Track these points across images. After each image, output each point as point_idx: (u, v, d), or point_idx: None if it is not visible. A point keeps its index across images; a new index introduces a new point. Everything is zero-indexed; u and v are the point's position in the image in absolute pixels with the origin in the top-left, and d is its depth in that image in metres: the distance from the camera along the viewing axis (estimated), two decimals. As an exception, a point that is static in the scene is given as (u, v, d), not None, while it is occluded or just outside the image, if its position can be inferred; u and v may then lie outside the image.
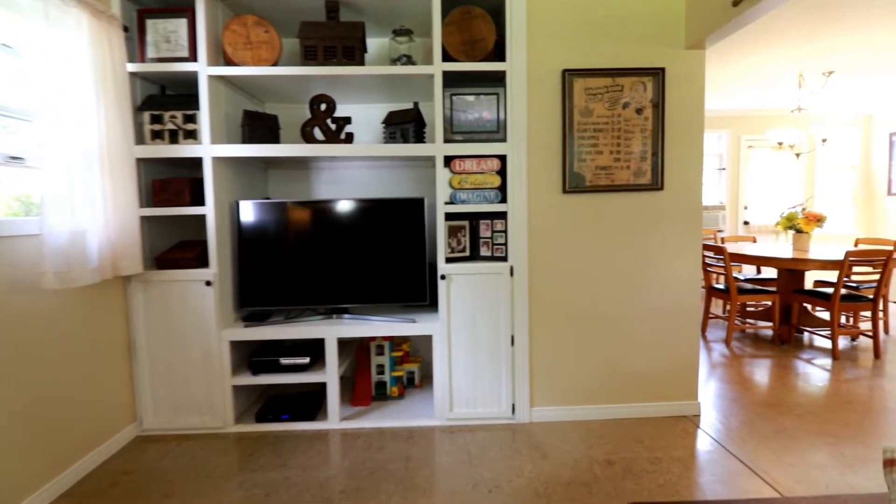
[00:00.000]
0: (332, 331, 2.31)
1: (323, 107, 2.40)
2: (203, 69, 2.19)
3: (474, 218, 2.44)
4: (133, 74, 2.21)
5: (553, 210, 2.37)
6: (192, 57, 2.21)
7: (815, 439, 2.25)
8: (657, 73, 2.35)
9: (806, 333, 4.08)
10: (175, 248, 2.38)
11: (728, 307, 4.29)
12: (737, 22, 2.02)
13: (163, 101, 2.27)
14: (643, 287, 2.44)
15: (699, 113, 2.40)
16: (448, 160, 2.32)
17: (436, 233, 2.40)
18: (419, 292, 2.46)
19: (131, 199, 2.09)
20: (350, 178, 2.86)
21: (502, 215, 2.36)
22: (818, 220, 3.97)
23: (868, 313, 4.14)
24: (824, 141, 4.06)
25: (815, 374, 3.12)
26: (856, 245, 4.59)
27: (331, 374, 2.32)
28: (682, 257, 2.45)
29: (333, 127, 2.41)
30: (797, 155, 4.26)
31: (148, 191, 2.32)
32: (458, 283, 2.32)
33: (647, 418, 2.48)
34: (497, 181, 2.33)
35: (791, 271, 3.96)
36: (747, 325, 3.93)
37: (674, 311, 2.47)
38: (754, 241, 4.85)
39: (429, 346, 2.99)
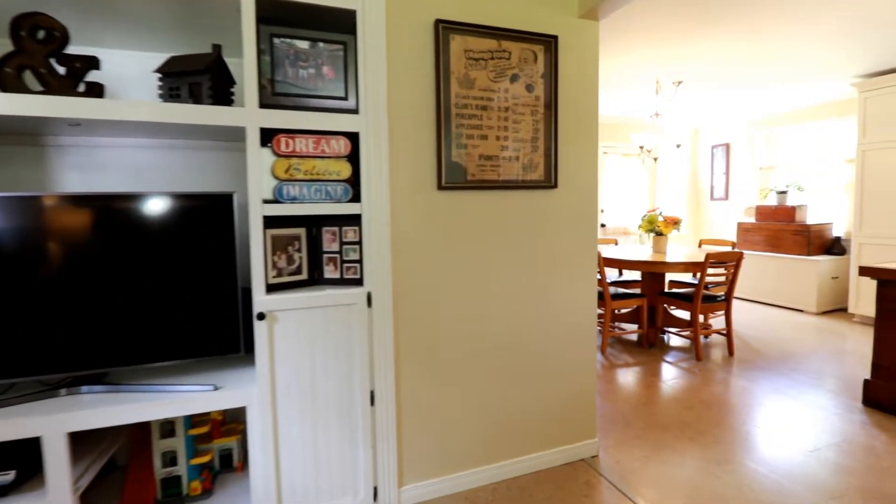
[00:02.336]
0: (56, 422, 1.33)
1: (41, 35, 1.41)
2: None
3: (315, 224, 1.68)
4: None
5: (426, 213, 1.73)
6: None
7: (716, 468, 2.00)
8: (549, 43, 1.87)
9: (667, 334, 4.16)
10: None
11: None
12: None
13: None
14: (537, 307, 1.95)
15: (593, 96, 1.99)
16: (269, 136, 1.52)
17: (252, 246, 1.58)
18: (227, 339, 1.61)
19: None
20: (119, 162, 1.84)
21: (355, 220, 1.64)
22: (675, 222, 4.07)
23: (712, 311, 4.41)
24: (679, 146, 4.18)
25: (690, 380, 3.05)
26: (700, 246, 4.93)
27: (57, 496, 1.33)
28: (579, 268, 2.02)
29: (63, 71, 1.43)
30: (655, 159, 4.37)
31: None
32: (287, 322, 1.54)
33: (545, 470, 2.00)
34: (346, 170, 1.61)
35: (654, 273, 3.98)
36: (621, 332, 3.84)
37: (570, 334, 2.03)
38: (616, 244, 4.93)
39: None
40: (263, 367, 1.51)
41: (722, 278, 3.98)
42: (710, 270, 3.52)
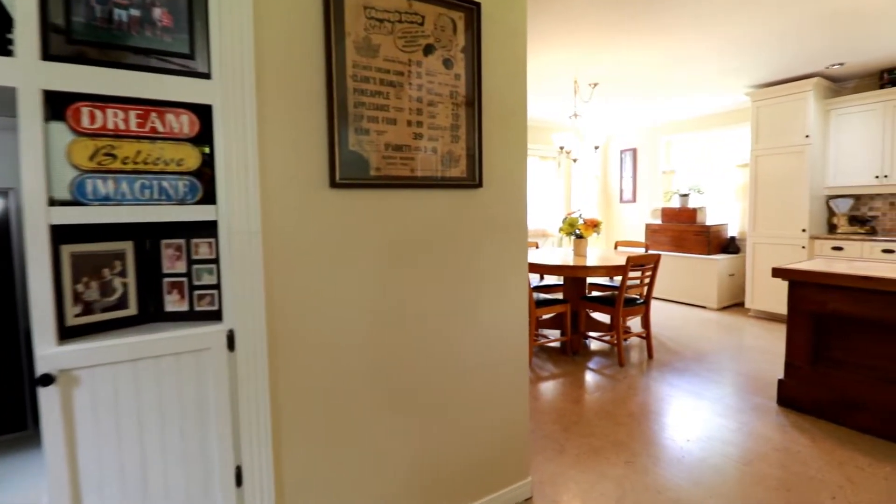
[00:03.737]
0: None
1: None
2: None
3: (151, 235, 1.17)
4: None
5: (315, 218, 1.30)
6: None
7: (658, 497, 1.81)
8: (470, 11, 1.53)
9: (588, 338, 4.08)
10: None
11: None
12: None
13: None
14: (462, 332, 1.61)
15: (522, 79, 1.69)
16: (62, 103, 1.00)
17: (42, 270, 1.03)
18: (7, 411, 1.06)
19: None
20: None
21: (210, 229, 1.17)
22: (595, 225, 4.00)
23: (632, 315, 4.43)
24: (596, 148, 4.13)
25: (616, 390, 2.91)
26: (616, 248, 4.97)
27: None
28: (509, 281, 1.71)
29: None
30: (574, 160, 4.29)
31: None
32: (98, 384, 1.02)
33: (473, 528, 1.67)
34: (192, 159, 1.13)
35: (576, 278, 3.87)
36: (545, 341, 3.66)
37: (500, 360, 1.72)
38: (537, 247, 4.81)
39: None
40: (57, 457, 0.98)
41: (637, 280, 3.97)
42: (630, 273, 3.46)
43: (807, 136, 4.37)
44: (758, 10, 2.90)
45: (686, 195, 5.75)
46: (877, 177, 4.20)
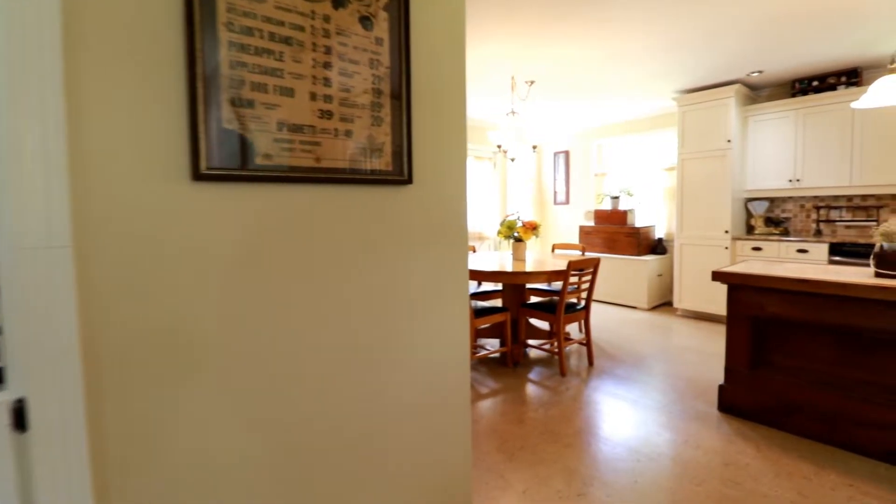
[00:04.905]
0: None
1: None
2: None
3: None
4: None
5: (168, 224, 0.90)
6: None
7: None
8: (394, -41, 1.21)
9: (528, 346, 3.90)
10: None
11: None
12: None
13: None
14: (388, 369, 1.27)
15: (461, 48, 1.40)
16: None
17: None
18: None
19: None
20: None
21: (-15, 241, 0.74)
22: (534, 228, 3.83)
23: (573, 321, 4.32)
24: (534, 147, 3.96)
25: (560, 404, 2.71)
26: (553, 251, 4.87)
27: None
28: (447, 303, 1.41)
29: None
30: (512, 160, 4.11)
31: None
32: None
33: None
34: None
35: (516, 284, 3.67)
36: (486, 353, 3.41)
37: (436, 400, 1.40)
38: (474, 251, 4.58)
39: None
40: None
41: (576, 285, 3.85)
42: (570, 279, 3.31)
43: (728, 141, 4.53)
44: (688, 9, 2.84)
45: (617, 197, 5.82)
46: (789, 180, 4.43)
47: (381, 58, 1.19)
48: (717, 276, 2.63)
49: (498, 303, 4.16)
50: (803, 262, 4.10)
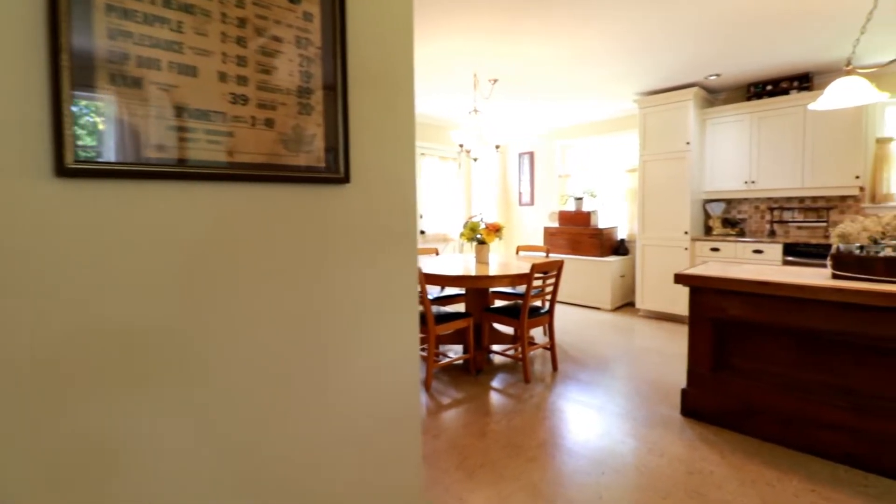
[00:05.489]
0: None
1: None
2: None
3: None
4: None
5: (20, 234, 0.71)
6: None
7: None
8: (325, -76, 1.05)
9: (492, 352, 3.79)
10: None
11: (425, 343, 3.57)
12: None
13: None
14: (333, 394, 1.11)
15: (408, 28, 1.25)
16: None
17: None
18: None
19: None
20: None
21: None
22: (497, 230, 3.73)
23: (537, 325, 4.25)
24: (497, 147, 3.86)
25: (524, 414, 2.61)
26: (517, 253, 4.79)
27: None
28: (393, 315, 1.25)
29: None
30: (475, 159, 3.99)
31: None
32: None
33: None
34: None
35: (479, 288, 3.56)
36: (449, 361, 3.28)
37: (382, 427, 1.25)
38: (437, 254, 4.44)
39: None
40: None
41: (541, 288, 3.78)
42: (534, 282, 3.22)
43: (687, 143, 4.57)
44: (649, 10, 2.80)
45: (581, 199, 5.82)
46: (745, 182, 4.52)
47: (310, 36, 1.03)
48: (680, 278, 2.59)
49: (462, 307, 4.04)
50: (759, 262, 4.18)
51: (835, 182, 4.02)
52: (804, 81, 4.16)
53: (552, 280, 3.35)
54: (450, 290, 4.25)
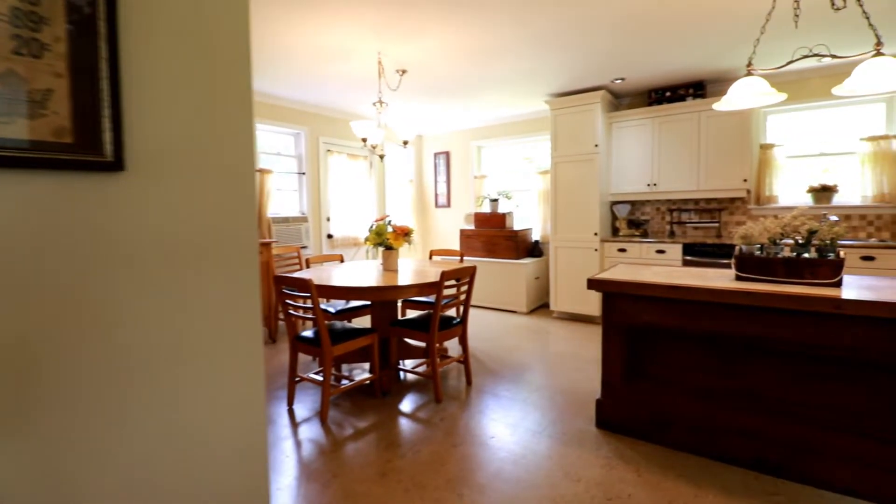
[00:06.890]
0: None
1: None
2: None
3: None
4: None
5: None
6: None
7: None
8: None
9: (401, 370, 3.46)
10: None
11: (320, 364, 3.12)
12: None
13: None
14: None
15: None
16: None
17: None
18: None
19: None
20: None
21: None
22: (406, 234, 3.41)
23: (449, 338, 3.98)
24: (405, 143, 3.54)
25: (436, 442, 2.30)
26: (431, 257, 4.51)
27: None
28: (223, 357, 0.87)
29: None
30: (381, 157, 3.63)
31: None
32: None
33: None
34: None
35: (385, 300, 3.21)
36: (348, 386, 2.88)
37: (206, 521, 0.86)
38: (342, 261, 4.02)
39: None
40: None
41: (453, 296, 3.53)
42: (445, 291, 2.96)
43: (596, 146, 4.61)
44: (548, 2, 2.67)
45: (496, 200, 5.70)
46: (648, 185, 4.65)
47: (34, -72, 0.62)
48: (593, 283, 2.45)
49: (367, 320, 3.66)
50: (663, 262, 4.30)
51: (725, 185, 4.24)
52: (699, 89, 4.35)
53: (465, 288, 3.10)
54: (355, 303, 3.85)
